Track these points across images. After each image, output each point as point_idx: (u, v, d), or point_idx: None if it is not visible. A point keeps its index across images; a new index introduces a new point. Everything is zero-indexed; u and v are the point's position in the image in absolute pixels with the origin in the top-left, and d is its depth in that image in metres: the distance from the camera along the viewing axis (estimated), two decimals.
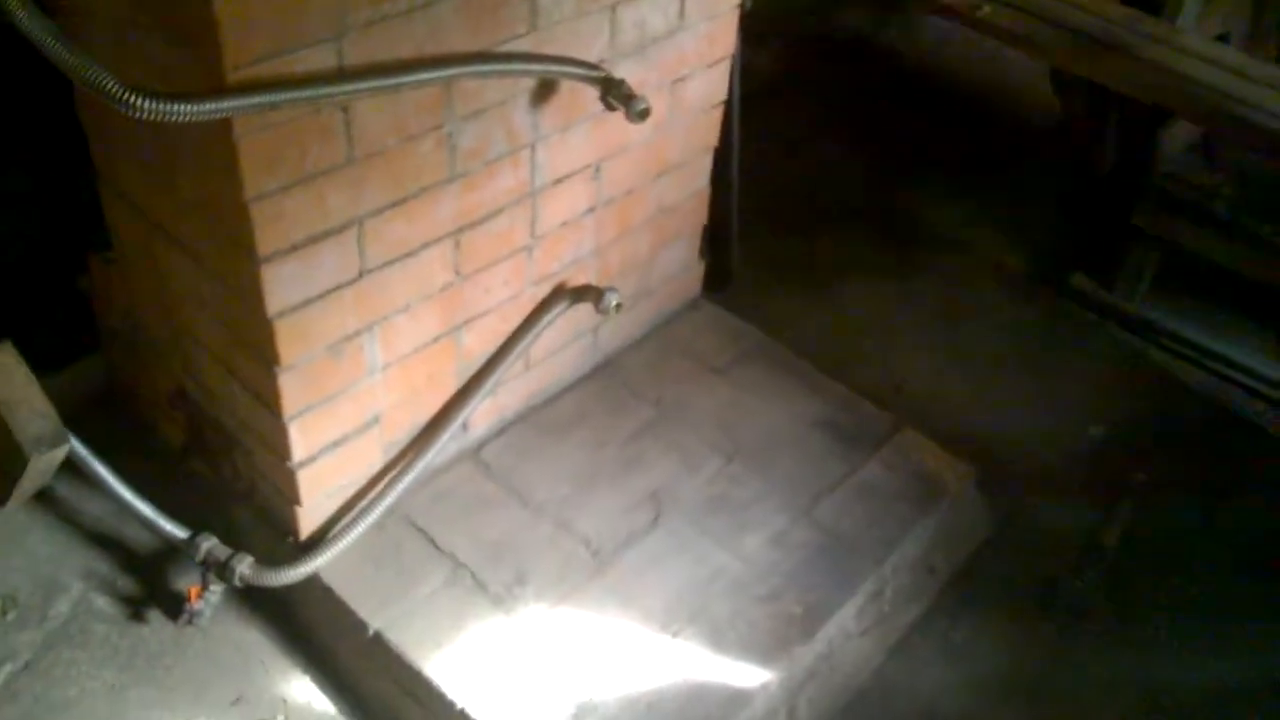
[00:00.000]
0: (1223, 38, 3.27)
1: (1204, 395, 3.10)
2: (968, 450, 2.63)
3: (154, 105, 1.48)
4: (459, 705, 2.02)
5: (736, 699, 2.09)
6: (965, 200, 3.66)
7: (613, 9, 2.09)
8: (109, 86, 1.46)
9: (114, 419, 2.49)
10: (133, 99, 1.47)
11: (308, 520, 2.20)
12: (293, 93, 1.60)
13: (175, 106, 1.50)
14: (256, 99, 1.57)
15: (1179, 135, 3.19)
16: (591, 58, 2.08)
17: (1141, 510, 2.71)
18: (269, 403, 2.01)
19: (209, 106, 1.53)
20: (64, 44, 1.48)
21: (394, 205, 1.93)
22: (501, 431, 2.50)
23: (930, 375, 3.04)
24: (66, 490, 2.44)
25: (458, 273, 2.15)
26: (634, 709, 2.05)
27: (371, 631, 2.12)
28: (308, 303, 1.90)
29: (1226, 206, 3.02)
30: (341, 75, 1.68)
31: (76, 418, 2.04)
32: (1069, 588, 2.54)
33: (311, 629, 2.29)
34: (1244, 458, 2.93)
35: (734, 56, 2.50)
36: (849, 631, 2.31)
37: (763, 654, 2.16)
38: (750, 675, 2.13)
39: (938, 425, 2.68)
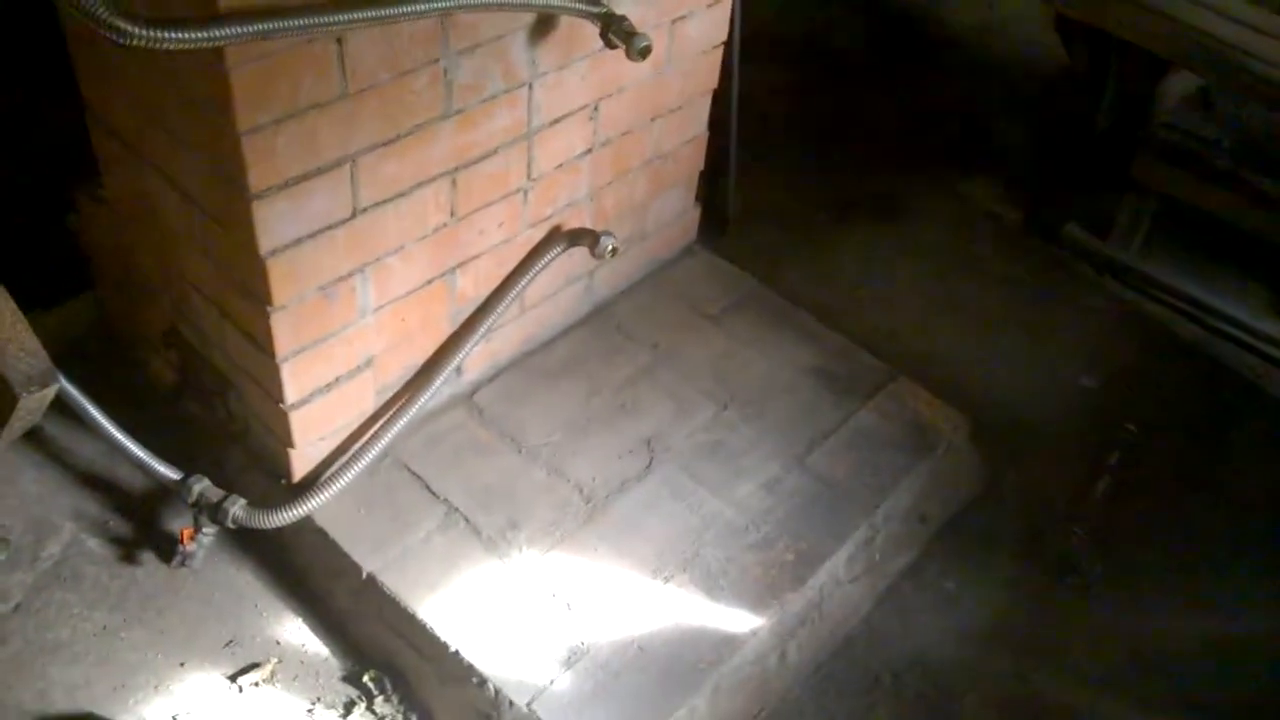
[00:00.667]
0: None
1: (1196, 348, 3.10)
2: (961, 400, 2.63)
3: (144, 32, 1.45)
4: (452, 648, 2.03)
5: (727, 644, 2.11)
6: (962, 150, 3.63)
7: None
8: (98, 12, 1.42)
9: (105, 359, 2.47)
10: (122, 26, 1.43)
11: (301, 463, 2.19)
12: (287, 22, 1.56)
13: (166, 34, 1.47)
14: (249, 28, 1.53)
15: (1178, 86, 3.16)
16: None
17: (1131, 462, 2.72)
18: (261, 343, 1.99)
19: (200, 35, 1.50)
20: None
21: (388, 143, 1.90)
22: (495, 376, 2.49)
23: (924, 325, 3.04)
24: (57, 431, 2.42)
25: (452, 214, 2.12)
26: (625, 653, 2.06)
27: (365, 575, 2.12)
28: (300, 241, 1.88)
29: (1224, 158, 3.00)
30: (337, 4, 1.64)
31: (66, 357, 2.02)
32: (1058, 539, 2.55)
33: (304, 572, 2.29)
34: (1235, 412, 2.94)
35: None
36: (840, 579, 2.31)
37: (754, 600, 2.17)
38: (741, 621, 2.14)
39: (931, 375, 2.69)
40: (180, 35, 1.48)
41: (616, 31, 2.02)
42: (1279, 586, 2.54)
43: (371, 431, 2.25)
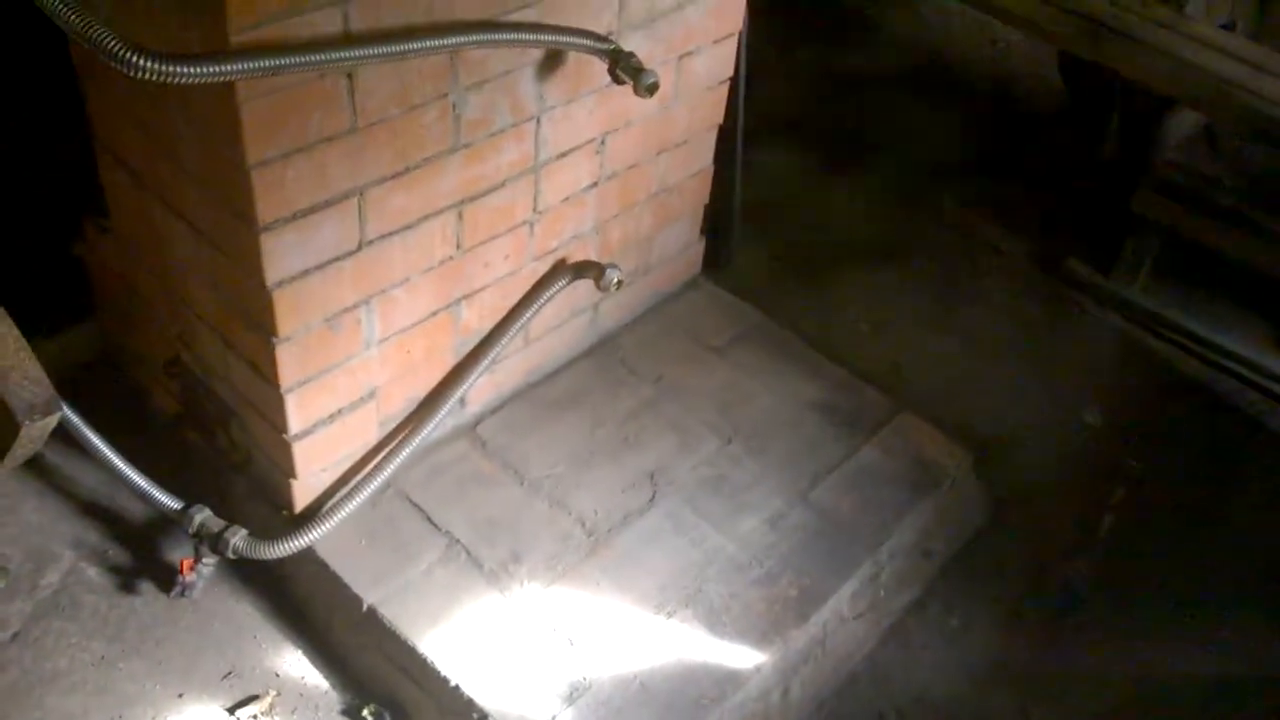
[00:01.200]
0: (1228, 26, 3.26)
1: (1199, 384, 3.10)
2: (964, 434, 2.63)
3: (156, 66, 1.45)
4: (453, 681, 2.01)
5: (730, 680, 2.09)
6: (966, 184, 3.64)
7: None
8: (111, 45, 1.43)
9: (107, 387, 2.46)
10: (135, 59, 1.44)
11: (303, 493, 2.18)
12: (297, 57, 1.57)
13: (178, 68, 1.47)
14: (260, 63, 1.54)
15: (1182, 123, 3.18)
16: (599, 29, 2.05)
17: (1134, 498, 2.72)
18: (266, 374, 1.99)
19: (212, 69, 1.50)
20: (65, 2, 1.45)
21: (396, 176, 1.91)
22: (499, 408, 2.48)
23: (927, 359, 3.03)
24: (58, 459, 2.41)
25: (458, 246, 2.12)
26: (627, 689, 2.05)
27: (366, 607, 2.10)
28: (307, 273, 1.88)
29: (1228, 195, 3.01)
30: (347, 40, 1.65)
31: (69, 385, 2.01)
32: (1061, 575, 2.55)
33: (305, 603, 2.27)
34: (1237, 448, 2.93)
35: (741, 34, 2.47)
36: (843, 615, 2.30)
37: (757, 636, 2.16)
38: (744, 657, 2.12)
39: (934, 409, 2.68)
40: (192, 69, 1.49)
41: (625, 68, 2.03)
42: None
43: (374, 463, 2.24)
